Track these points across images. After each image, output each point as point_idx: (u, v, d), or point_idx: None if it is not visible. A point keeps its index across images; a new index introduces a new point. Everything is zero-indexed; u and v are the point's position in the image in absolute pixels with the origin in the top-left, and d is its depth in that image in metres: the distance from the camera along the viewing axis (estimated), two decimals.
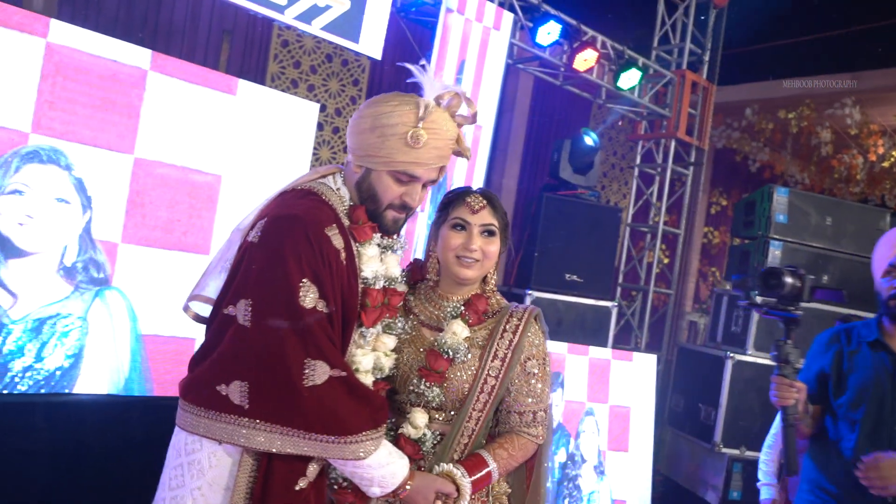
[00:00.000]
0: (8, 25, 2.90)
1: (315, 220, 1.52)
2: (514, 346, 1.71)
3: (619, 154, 8.19)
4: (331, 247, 1.51)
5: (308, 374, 1.43)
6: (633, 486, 4.48)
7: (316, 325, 1.45)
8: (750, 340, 4.68)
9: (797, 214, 4.76)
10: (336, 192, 1.63)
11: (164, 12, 5.23)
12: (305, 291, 1.45)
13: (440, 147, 1.57)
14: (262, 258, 1.48)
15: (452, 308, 1.76)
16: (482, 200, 1.74)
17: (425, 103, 1.54)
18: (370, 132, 1.56)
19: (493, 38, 4.58)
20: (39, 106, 3.02)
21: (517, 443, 1.71)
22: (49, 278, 3.08)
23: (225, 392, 1.44)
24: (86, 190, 3.16)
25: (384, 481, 1.53)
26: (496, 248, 1.75)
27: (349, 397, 1.48)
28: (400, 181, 1.58)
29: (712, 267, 9.85)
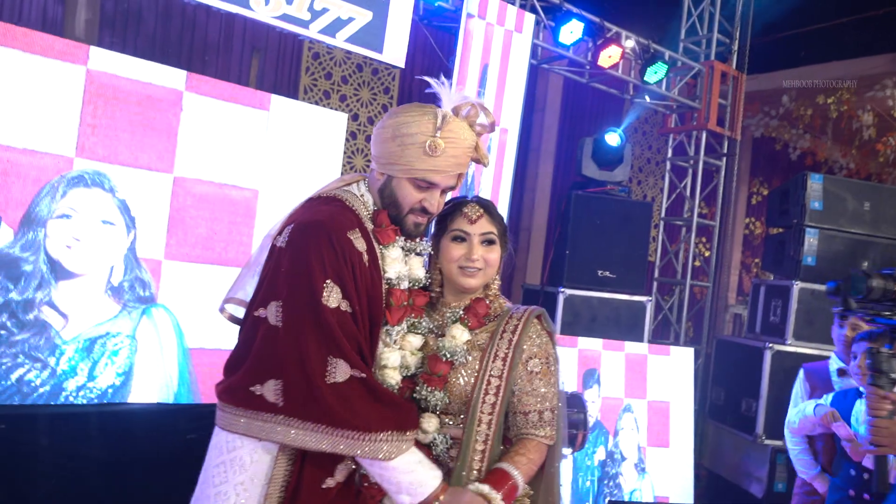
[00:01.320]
0: (50, 55, 3.06)
1: (338, 225, 1.60)
2: (515, 346, 1.72)
3: (653, 148, 8.14)
4: (353, 249, 1.59)
5: (330, 370, 1.51)
6: (675, 481, 4.47)
7: (338, 324, 1.53)
8: (789, 330, 4.62)
9: (833, 201, 4.69)
10: (360, 198, 1.72)
11: (199, 32, 5.42)
12: (329, 292, 1.53)
13: (457, 155, 1.64)
14: (288, 262, 1.57)
15: (452, 313, 1.79)
16: (479, 210, 1.77)
17: (443, 114, 1.62)
18: (391, 141, 1.65)
19: (516, 41, 4.63)
20: (82, 131, 3.16)
21: (531, 446, 1.71)
22: (98, 298, 3.20)
23: (260, 392, 1.53)
24: (129, 211, 3.29)
25: (412, 489, 1.56)
26: (497, 256, 1.78)
27: (369, 397, 1.54)
28: (419, 188, 1.66)
29: (756, 258, 9.68)
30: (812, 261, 4.67)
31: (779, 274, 4.97)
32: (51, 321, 3.07)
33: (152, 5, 5.20)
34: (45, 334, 3.05)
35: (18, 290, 2.99)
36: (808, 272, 4.67)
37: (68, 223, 3.13)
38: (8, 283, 2.97)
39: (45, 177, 3.06)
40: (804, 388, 3.24)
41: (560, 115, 7.62)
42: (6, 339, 2.96)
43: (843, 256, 4.69)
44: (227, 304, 1.79)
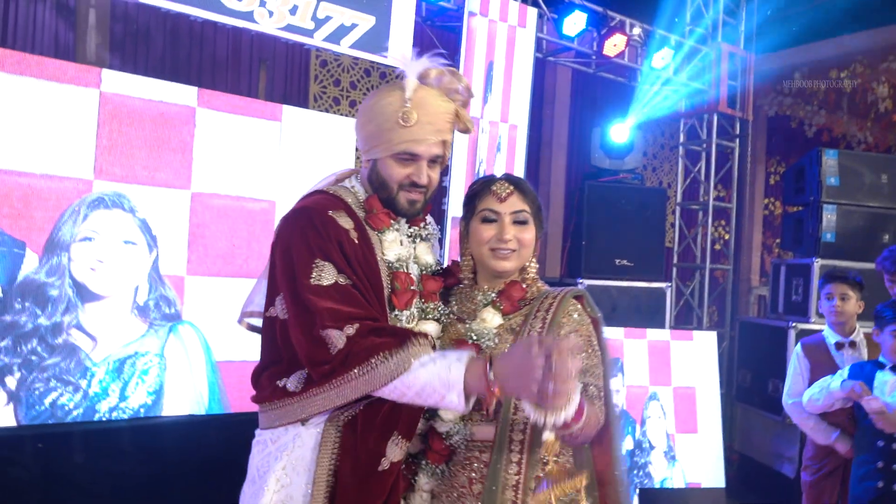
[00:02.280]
0: (63, 80, 3.13)
1: (320, 206, 1.59)
2: (549, 324, 1.56)
3: (666, 134, 8.09)
4: (337, 226, 1.56)
5: (331, 343, 1.46)
6: (706, 467, 4.45)
7: (339, 296, 1.49)
8: (812, 309, 4.59)
9: (849, 175, 4.65)
10: (350, 189, 1.70)
11: (207, 49, 5.49)
12: (320, 270, 1.51)
13: (434, 122, 1.60)
14: (279, 254, 1.58)
15: (483, 296, 1.66)
16: (508, 187, 1.64)
17: (408, 83, 1.60)
18: (368, 124, 1.64)
19: (520, 36, 4.64)
20: (99, 153, 3.22)
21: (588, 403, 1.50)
22: (124, 319, 3.26)
23: (284, 384, 1.56)
24: (150, 229, 3.35)
25: (445, 381, 1.40)
26: (531, 235, 1.64)
27: (373, 337, 1.46)
28: (403, 162, 1.61)
29: (777, 238, 9.59)
30: (831, 237, 4.63)
31: (799, 252, 4.94)
32: (80, 344, 3.12)
33: (160, 25, 5.27)
34: (75, 357, 3.11)
35: (46, 314, 3.05)
36: (828, 249, 4.64)
37: (91, 245, 3.18)
38: (36, 309, 3.03)
39: (66, 201, 3.13)
40: (804, 365, 3.23)
41: (570, 106, 7.60)
42: (38, 364, 3.01)
43: (862, 231, 4.65)
44: (245, 319, 1.81)
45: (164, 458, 3.25)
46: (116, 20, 5.25)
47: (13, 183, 3.00)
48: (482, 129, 4.50)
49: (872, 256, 4.60)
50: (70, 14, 5.15)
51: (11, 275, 2.99)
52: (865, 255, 4.62)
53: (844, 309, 3.16)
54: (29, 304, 3.02)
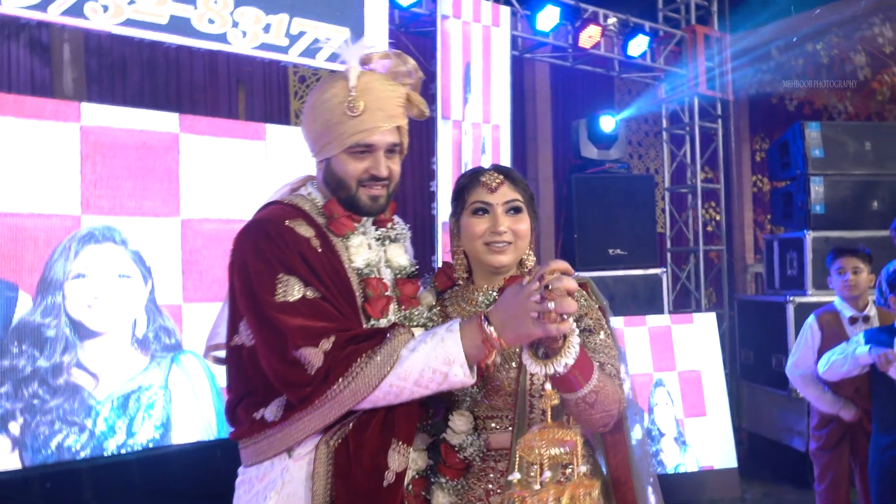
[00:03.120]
0: (43, 117, 3.12)
1: (274, 218, 1.47)
2: None
3: (649, 121, 8.12)
4: (296, 235, 1.44)
5: (307, 363, 1.34)
6: (717, 448, 4.45)
7: (309, 311, 1.37)
8: (808, 281, 4.60)
9: (833, 146, 4.67)
10: (306, 197, 1.57)
11: (184, 74, 5.49)
12: (284, 286, 1.38)
13: (384, 108, 1.48)
14: (238, 275, 1.45)
15: (484, 297, 1.57)
16: (498, 176, 1.55)
17: (350, 70, 1.47)
18: (313, 122, 1.52)
19: (495, 35, 4.66)
20: (85, 187, 3.21)
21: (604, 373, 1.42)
22: (125, 353, 3.22)
23: (262, 415, 1.43)
24: (144, 261, 3.32)
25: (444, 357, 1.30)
26: (526, 226, 1.54)
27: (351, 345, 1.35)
28: (357, 155, 1.49)
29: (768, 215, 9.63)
30: (821, 209, 4.66)
31: (790, 227, 4.96)
32: (82, 383, 3.09)
33: (135, 55, 5.27)
34: (78, 397, 3.08)
35: (45, 356, 3.02)
36: (819, 220, 4.66)
37: (85, 282, 3.16)
38: (34, 351, 3.00)
39: (56, 238, 3.12)
40: (816, 337, 3.24)
41: (551, 101, 7.62)
42: (40, 408, 2.98)
43: (851, 200, 4.68)
44: (210, 353, 1.68)
45: (174, 488, 3.24)
46: (91, 53, 5.25)
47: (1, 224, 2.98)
48: (465, 132, 4.51)
49: (864, 225, 4.65)
50: (44, 51, 5.15)
51: (6, 318, 2.97)
52: (857, 224, 4.65)
53: (858, 282, 3.15)
54: (26, 346, 3.00)
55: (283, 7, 3.73)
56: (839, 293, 3.25)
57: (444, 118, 4.44)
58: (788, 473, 4.63)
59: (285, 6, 3.73)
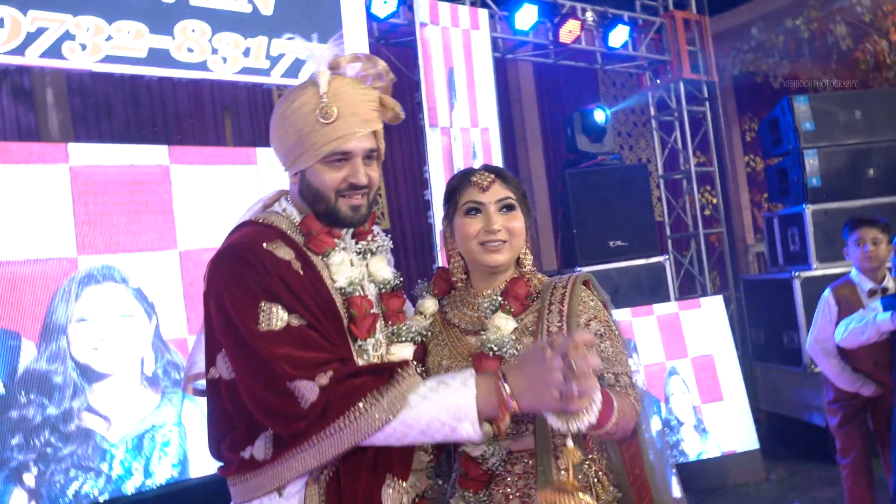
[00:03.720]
0: (30, 161, 3.09)
1: (251, 241, 1.39)
2: (567, 316, 1.46)
3: (636, 111, 8.12)
4: (275, 259, 1.36)
5: (300, 396, 1.27)
6: (737, 432, 4.41)
7: (295, 340, 1.30)
8: (812, 255, 4.58)
9: (823, 118, 4.66)
10: (281, 213, 1.49)
11: (169, 106, 5.49)
12: (267, 314, 1.31)
13: (358, 112, 1.41)
14: (214, 304, 1.36)
15: (489, 302, 1.53)
16: (489, 175, 1.54)
17: (320, 76, 1.41)
18: (284, 134, 1.43)
19: (475, 39, 4.65)
20: (79, 228, 3.18)
21: (619, 393, 1.40)
22: (135, 393, 3.18)
23: (250, 454, 1.35)
24: (146, 297, 3.28)
25: (456, 412, 1.24)
26: (520, 223, 1.53)
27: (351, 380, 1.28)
28: (334, 164, 1.42)
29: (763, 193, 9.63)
30: (817, 181, 4.64)
31: (788, 202, 4.94)
32: (94, 427, 3.05)
33: (118, 92, 5.27)
34: (92, 441, 3.03)
35: (54, 403, 2.98)
36: (816, 193, 4.64)
37: (89, 325, 3.12)
38: (42, 399, 2.95)
39: (54, 283, 3.09)
40: (834, 310, 3.20)
41: (537, 101, 7.63)
42: (54, 456, 2.93)
43: (846, 170, 4.66)
44: (189, 384, 1.58)
45: None
46: (74, 94, 5.24)
47: None
48: (454, 137, 4.50)
49: (862, 193, 4.63)
50: (27, 96, 5.14)
51: (11, 368, 2.93)
52: (854, 194, 4.64)
53: (877, 254, 3.08)
54: (34, 395, 2.96)
55: (262, 30, 3.72)
56: (858, 265, 3.16)
57: (431, 126, 4.43)
58: (811, 450, 4.59)
59: (263, 29, 3.73)
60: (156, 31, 3.40)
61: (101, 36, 3.24)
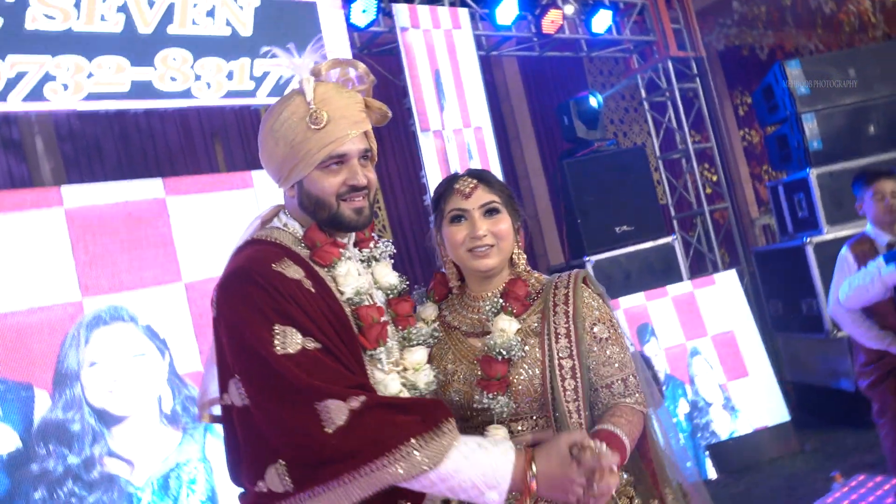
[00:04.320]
0: (24, 207, 3.04)
1: (258, 263, 1.36)
2: (574, 317, 1.51)
3: (626, 97, 8.07)
4: (286, 280, 1.34)
5: (325, 419, 1.23)
6: (766, 407, 4.34)
7: (299, 368, 1.26)
8: (821, 219, 4.52)
9: (817, 80, 4.61)
10: (283, 228, 1.49)
11: (159, 139, 5.46)
12: (282, 338, 1.28)
13: (347, 115, 1.41)
14: (225, 329, 1.34)
15: (490, 305, 1.56)
16: (471, 181, 1.56)
17: (305, 84, 1.41)
18: (275, 147, 1.42)
19: (458, 38, 4.61)
20: (80, 270, 3.12)
21: (627, 410, 1.48)
22: (156, 432, 3.11)
23: (265, 488, 1.29)
24: (157, 334, 3.21)
25: (489, 480, 1.25)
26: (507, 226, 1.55)
27: (387, 414, 1.26)
28: (331, 170, 1.41)
29: (762, 166, 9.58)
30: (818, 144, 4.58)
31: (790, 169, 4.88)
32: (117, 471, 2.98)
33: (108, 132, 5.24)
34: (116, 487, 2.96)
35: (74, 451, 2.91)
36: (819, 157, 4.58)
37: (102, 368, 3.05)
38: (62, 449, 2.88)
39: (62, 329, 3.02)
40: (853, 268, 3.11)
41: (526, 96, 7.58)
42: None
43: (846, 130, 4.60)
44: (204, 411, 1.56)
45: None
46: (64, 140, 5.22)
47: (2, 326, 2.89)
48: (447, 139, 4.45)
49: (864, 152, 4.57)
50: (17, 146, 5.12)
51: (26, 420, 2.87)
52: (857, 153, 4.58)
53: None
54: (53, 445, 2.89)
55: (243, 52, 3.69)
56: (875, 219, 3.06)
57: (423, 130, 4.38)
58: (842, 416, 4.51)
59: (244, 50, 3.69)
60: (137, 64, 3.36)
61: (81, 74, 3.20)
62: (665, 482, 1.57)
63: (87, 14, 3.25)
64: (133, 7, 3.39)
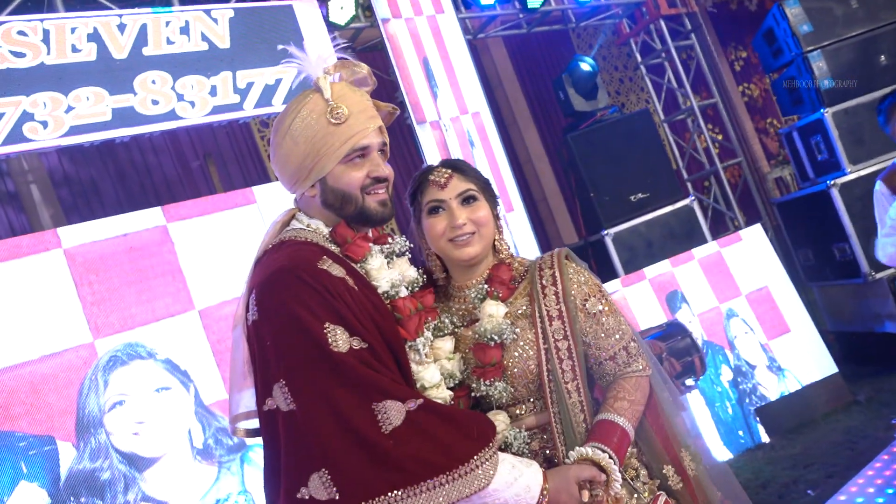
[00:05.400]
0: (21, 254, 2.93)
1: (303, 261, 1.35)
2: (564, 296, 1.51)
3: (619, 68, 7.92)
4: (332, 279, 1.33)
5: (383, 419, 1.23)
6: (813, 360, 4.16)
7: (363, 366, 1.26)
8: (843, 159, 4.33)
9: (819, 15, 4.42)
10: (308, 228, 1.47)
11: (154, 169, 5.37)
12: (334, 337, 1.27)
13: (364, 109, 1.43)
14: (271, 330, 1.31)
15: (476, 292, 1.56)
16: (446, 171, 1.56)
17: (322, 82, 1.42)
18: (295, 146, 1.42)
19: (443, 23, 4.46)
20: (88, 311, 3.00)
21: (629, 386, 1.51)
22: (190, 470, 2.98)
23: (308, 495, 1.24)
24: (178, 367, 3.07)
25: (520, 499, 1.30)
26: (486, 212, 1.56)
27: (442, 423, 1.27)
28: (355, 163, 1.42)
29: (767, 118, 9.41)
30: (829, 83, 4.40)
31: (803, 112, 4.69)
32: None
33: (103, 172, 5.17)
34: None
35: (107, 501, 2.78)
36: (832, 95, 4.40)
37: (125, 410, 2.92)
38: (94, 501, 2.75)
39: (77, 374, 2.89)
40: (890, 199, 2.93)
41: (518, 80, 7.45)
42: None
43: (857, 63, 4.41)
44: (237, 424, 1.54)
45: None
46: (60, 186, 5.15)
47: (15, 379, 2.77)
48: (445, 128, 4.30)
49: (878, 84, 4.38)
50: (13, 198, 5.05)
51: (53, 475, 2.74)
52: (871, 86, 4.39)
53: None
54: (85, 498, 2.75)
55: (223, 65, 3.56)
56: None
57: (419, 123, 4.24)
58: (891, 360, 4.32)
59: (224, 64, 3.57)
60: (116, 92, 3.24)
61: (60, 109, 3.09)
62: (680, 444, 1.56)
63: (57, 47, 3.14)
64: (104, 34, 3.27)
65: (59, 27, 3.15)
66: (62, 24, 3.17)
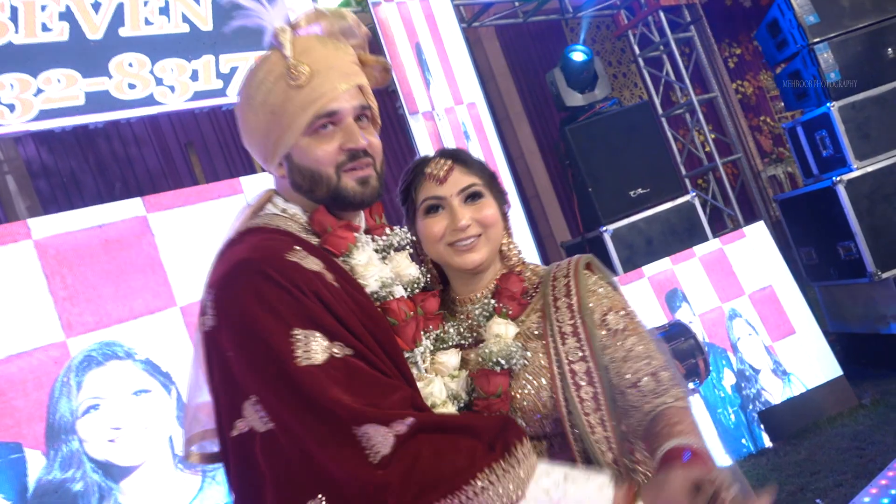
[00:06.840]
0: None
1: (268, 253, 1.11)
2: (579, 309, 1.25)
3: (613, 63, 7.80)
4: (305, 273, 1.09)
5: (368, 446, 1.01)
6: (818, 363, 4.03)
7: (343, 377, 1.03)
8: (849, 155, 4.20)
9: (826, 6, 4.28)
10: (282, 215, 1.23)
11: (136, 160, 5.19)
12: (305, 346, 1.03)
13: (336, 66, 1.18)
14: (231, 337, 1.08)
15: (481, 308, 1.31)
16: (445, 162, 1.32)
17: (280, 35, 1.18)
18: (255, 116, 1.19)
19: (436, 7, 4.27)
20: (60, 307, 2.80)
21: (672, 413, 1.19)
22: (171, 479, 2.77)
23: None
24: (159, 368, 2.88)
25: None
26: (493, 211, 1.31)
27: (442, 442, 1.04)
28: (323, 134, 1.17)
29: (760, 116, 9.35)
30: (836, 76, 4.26)
31: (808, 106, 4.56)
32: None
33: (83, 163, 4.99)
34: None
35: None
36: (838, 89, 4.27)
37: (99, 415, 2.71)
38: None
39: (48, 376, 2.69)
40: None
41: (511, 74, 7.32)
42: None
43: (864, 55, 4.28)
44: (191, 448, 1.32)
45: None
46: (37, 176, 4.97)
47: None
48: (439, 118, 4.13)
49: (886, 77, 4.26)
50: None
51: (20, 486, 2.54)
52: (878, 79, 4.27)
53: None
54: None
55: (205, 48, 3.38)
56: None
57: (412, 114, 4.06)
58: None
59: (207, 47, 3.38)
60: (89, 74, 3.05)
61: (28, 92, 2.90)
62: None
63: (26, 25, 2.95)
64: (77, 12, 3.08)
65: (29, 4, 2.96)
66: (32, 1, 2.98)
